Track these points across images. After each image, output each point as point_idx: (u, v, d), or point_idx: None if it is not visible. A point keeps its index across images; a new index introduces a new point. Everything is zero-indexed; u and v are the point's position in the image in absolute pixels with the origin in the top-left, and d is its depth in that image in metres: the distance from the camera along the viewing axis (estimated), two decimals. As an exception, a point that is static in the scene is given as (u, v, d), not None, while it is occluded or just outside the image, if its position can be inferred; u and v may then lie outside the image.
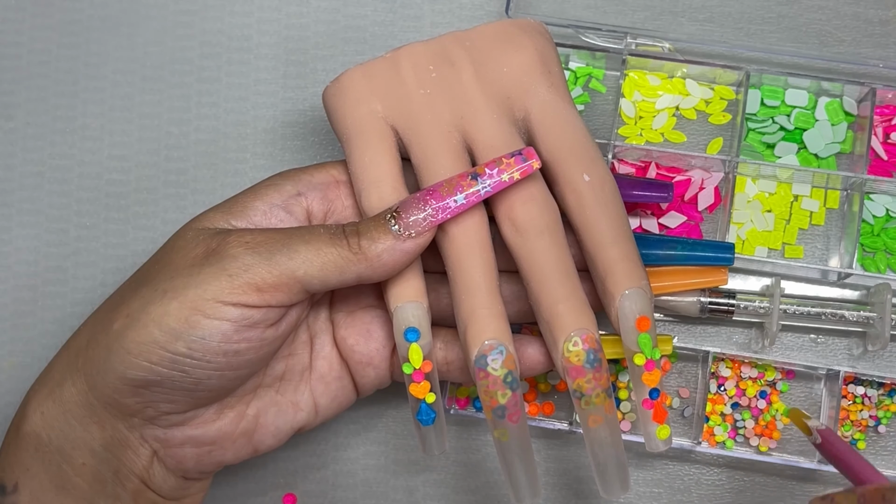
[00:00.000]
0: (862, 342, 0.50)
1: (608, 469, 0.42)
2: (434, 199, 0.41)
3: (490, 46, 0.45)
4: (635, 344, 0.41)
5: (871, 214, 0.51)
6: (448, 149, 0.43)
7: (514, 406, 0.40)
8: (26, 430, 0.42)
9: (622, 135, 0.52)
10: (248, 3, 0.55)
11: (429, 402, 0.42)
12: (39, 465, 0.41)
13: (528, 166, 0.41)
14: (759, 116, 0.52)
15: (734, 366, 0.50)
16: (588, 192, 0.42)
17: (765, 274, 0.51)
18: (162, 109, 0.54)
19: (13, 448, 0.42)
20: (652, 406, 0.42)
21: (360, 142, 0.44)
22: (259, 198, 0.44)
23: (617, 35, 0.52)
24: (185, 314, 0.39)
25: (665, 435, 0.42)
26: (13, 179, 0.54)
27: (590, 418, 0.41)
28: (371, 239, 0.40)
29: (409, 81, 0.44)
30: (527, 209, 0.42)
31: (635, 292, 0.41)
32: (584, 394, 0.40)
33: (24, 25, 0.55)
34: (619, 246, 0.42)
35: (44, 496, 0.41)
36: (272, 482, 0.51)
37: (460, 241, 0.42)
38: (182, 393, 0.41)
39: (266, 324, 0.41)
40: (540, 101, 0.44)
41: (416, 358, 0.41)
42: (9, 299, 0.53)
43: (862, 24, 0.53)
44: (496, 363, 0.40)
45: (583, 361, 0.40)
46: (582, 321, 0.41)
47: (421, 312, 0.42)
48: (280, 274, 0.40)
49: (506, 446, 0.41)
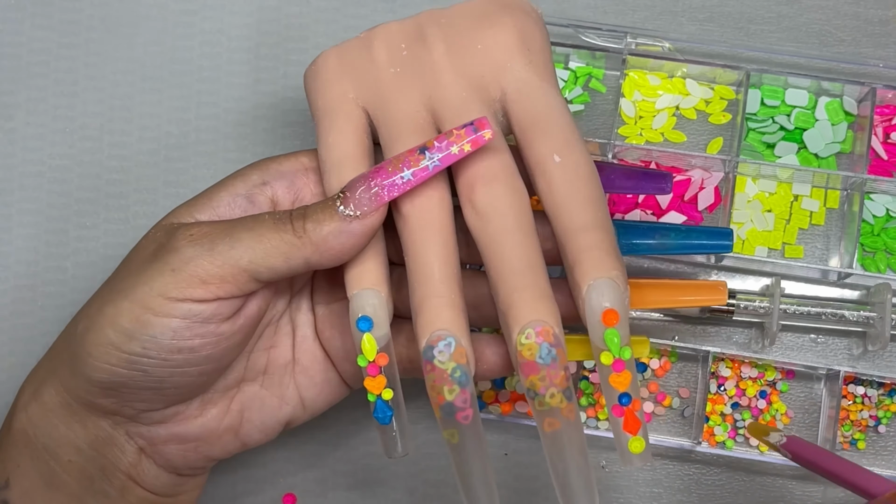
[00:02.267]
0: (862, 342, 0.50)
1: (569, 481, 0.37)
2: (380, 176, 0.38)
3: (466, 24, 0.42)
4: (601, 340, 0.36)
5: (871, 214, 0.51)
6: (414, 128, 0.41)
7: (464, 404, 0.37)
8: (16, 428, 0.42)
9: (622, 134, 0.52)
10: (248, 4, 0.55)
11: (385, 398, 0.38)
12: (29, 461, 0.41)
13: (480, 137, 0.38)
14: (759, 116, 0.52)
15: (734, 366, 0.50)
16: (559, 174, 0.39)
17: (765, 274, 0.51)
18: (162, 109, 0.54)
19: (5, 445, 0.42)
20: (622, 413, 0.37)
21: (328, 122, 0.42)
22: (224, 188, 0.42)
23: (617, 35, 0.52)
24: (136, 313, 0.38)
25: (639, 448, 0.37)
26: (13, 179, 0.54)
27: (545, 421, 0.37)
28: (316, 221, 0.38)
29: (380, 61, 0.42)
30: (488, 191, 0.38)
31: (603, 283, 0.37)
32: (537, 393, 0.36)
33: (24, 25, 0.55)
34: (590, 233, 0.38)
35: (34, 492, 0.41)
36: (271, 482, 0.51)
37: (415, 224, 0.39)
38: (150, 392, 0.40)
39: (220, 318, 0.39)
40: (515, 78, 0.41)
41: (368, 349, 0.38)
42: (9, 299, 0.53)
43: (862, 24, 0.53)
44: (443, 356, 0.37)
45: (535, 356, 0.36)
46: (539, 313, 0.37)
47: (377, 301, 0.38)
48: (223, 264, 0.38)
49: (457, 449, 0.37)
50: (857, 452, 0.50)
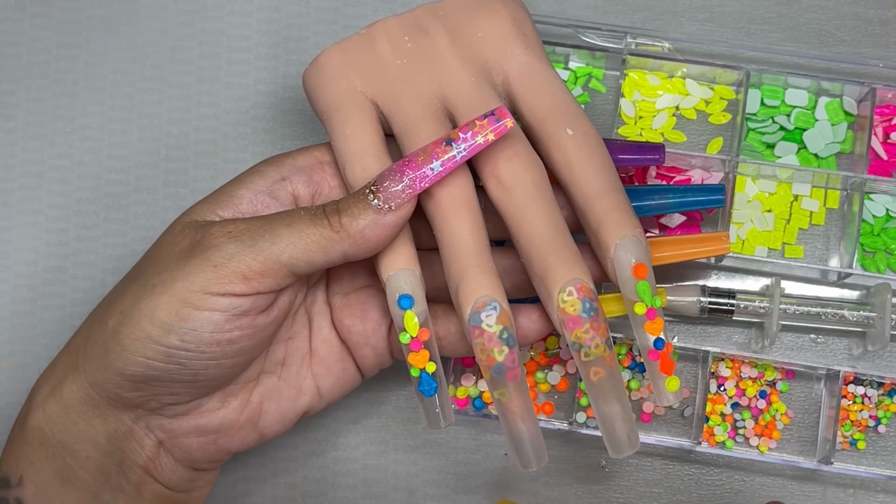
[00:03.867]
0: (862, 342, 0.50)
1: (615, 425, 0.40)
2: (410, 168, 0.40)
3: (463, 14, 0.44)
4: (634, 293, 0.40)
5: (871, 214, 0.51)
6: (428, 115, 0.43)
7: (513, 363, 0.40)
8: (30, 426, 0.42)
9: (622, 135, 0.52)
10: (248, 3, 0.55)
11: (429, 371, 0.41)
12: (44, 459, 0.42)
13: (503, 126, 0.40)
14: (759, 116, 0.52)
15: (734, 366, 0.50)
16: (573, 146, 0.42)
17: (765, 274, 0.51)
18: (162, 109, 0.54)
19: (18, 443, 0.42)
20: (658, 357, 0.41)
21: (341, 116, 0.44)
22: (244, 186, 0.44)
23: (617, 35, 0.52)
24: (175, 307, 0.39)
25: (675, 387, 0.41)
26: (13, 179, 0.54)
27: (591, 370, 0.40)
28: (351, 216, 0.40)
29: (385, 54, 0.44)
30: (510, 165, 0.41)
31: (629, 240, 0.40)
32: (582, 345, 0.39)
33: (24, 25, 0.55)
34: (608, 197, 0.41)
35: (49, 490, 0.41)
36: (271, 482, 0.51)
37: (446, 204, 0.41)
38: (182, 385, 0.41)
39: (257, 311, 0.41)
40: (517, 62, 0.44)
41: (411, 326, 0.40)
42: (9, 299, 0.53)
43: (862, 24, 0.53)
44: (490, 319, 0.39)
45: (579, 311, 0.39)
46: (574, 271, 0.40)
47: (413, 279, 0.41)
48: (265, 260, 0.40)
49: (507, 408, 0.40)
50: (857, 452, 0.50)
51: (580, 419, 0.49)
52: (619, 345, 0.50)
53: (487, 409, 0.50)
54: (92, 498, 0.42)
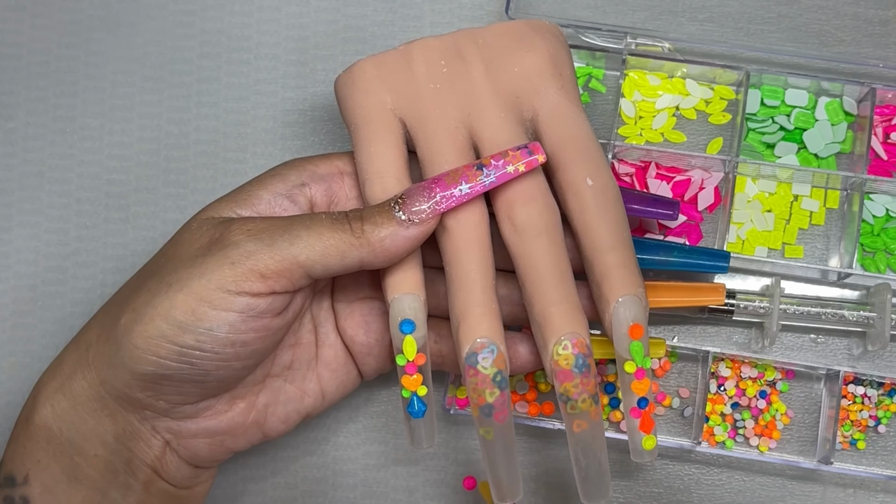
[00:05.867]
0: (862, 342, 0.50)
1: (590, 475, 0.41)
2: (439, 187, 0.41)
3: (502, 45, 0.45)
4: (627, 351, 0.41)
5: (871, 214, 0.51)
6: (453, 144, 0.43)
7: (502, 405, 0.40)
8: (37, 423, 0.42)
9: (622, 135, 0.52)
10: (248, 3, 0.55)
11: (420, 394, 0.42)
12: (51, 456, 0.42)
13: (534, 160, 0.41)
14: (759, 116, 0.52)
15: (734, 366, 0.50)
16: (590, 196, 0.42)
17: (765, 274, 0.51)
18: (162, 109, 0.54)
19: (23, 440, 0.42)
20: (640, 415, 0.42)
21: (368, 132, 0.44)
22: (264, 187, 0.44)
23: (617, 35, 0.52)
24: (192, 306, 0.39)
25: (651, 446, 0.42)
26: (13, 179, 0.54)
27: (574, 423, 0.41)
28: (374, 224, 0.40)
29: (419, 75, 0.44)
30: (527, 210, 0.42)
31: (630, 299, 0.41)
32: (570, 398, 0.40)
33: (24, 25, 0.55)
34: (617, 252, 0.42)
35: (55, 487, 0.41)
36: (271, 482, 0.51)
37: (458, 237, 0.42)
38: (191, 385, 0.41)
39: (272, 313, 0.41)
40: (549, 102, 0.44)
41: (409, 350, 0.41)
42: (9, 299, 0.53)
43: (862, 24, 0.53)
44: (486, 361, 0.40)
45: (571, 365, 0.40)
46: (573, 325, 0.41)
47: (417, 305, 0.41)
48: (282, 259, 0.40)
49: (490, 445, 0.41)
50: (857, 452, 0.50)
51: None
52: None
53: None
54: (100, 496, 0.42)
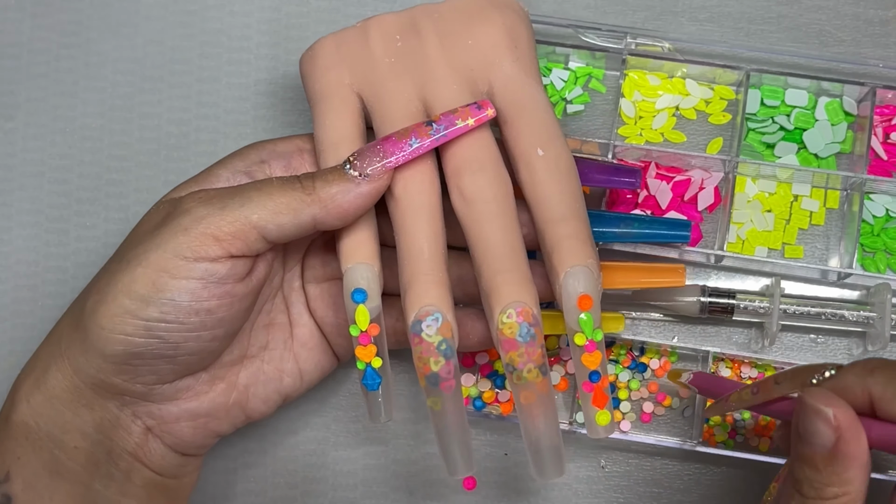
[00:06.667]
0: (862, 342, 0.50)
1: (541, 450, 0.41)
2: (388, 143, 0.41)
3: (458, 19, 0.45)
4: (576, 323, 0.40)
5: (871, 214, 0.51)
6: (408, 116, 0.43)
7: (448, 374, 0.40)
8: (15, 420, 0.42)
9: (622, 135, 0.52)
10: (248, 3, 0.55)
11: (375, 366, 0.41)
12: (31, 452, 0.42)
13: (483, 115, 0.42)
14: (759, 116, 0.52)
15: (734, 366, 0.50)
16: (541, 166, 0.42)
17: (765, 274, 0.51)
18: (162, 109, 0.54)
19: (3, 439, 0.42)
20: (592, 389, 0.41)
21: (324, 106, 0.44)
22: (223, 166, 0.45)
23: (617, 35, 0.52)
24: (152, 278, 0.40)
25: (605, 421, 0.41)
26: (13, 179, 0.54)
27: (522, 394, 0.40)
28: (326, 181, 0.41)
29: (376, 50, 0.45)
30: (475, 179, 0.42)
31: (580, 269, 0.40)
32: (515, 367, 0.40)
33: (24, 25, 0.55)
34: (568, 223, 0.41)
35: (37, 483, 0.41)
36: (271, 482, 0.51)
37: (406, 204, 0.42)
38: (164, 361, 0.41)
39: (234, 279, 0.41)
40: (503, 74, 0.44)
41: (362, 320, 0.41)
42: (9, 299, 0.53)
43: (862, 24, 0.53)
44: (431, 329, 0.40)
45: (516, 334, 0.39)
46: (520, 294, 0.40)
47: (370, 275, 0.41)
48: (234, 220, 0.40)
49: (439, 416, 0.41)
50: (857, 452, 0.50)
51: (580, 419, 0.49)
52: (619, 346, 0.50)
53: (487, 408, 0.50)
54: (82, 488, 0.42)
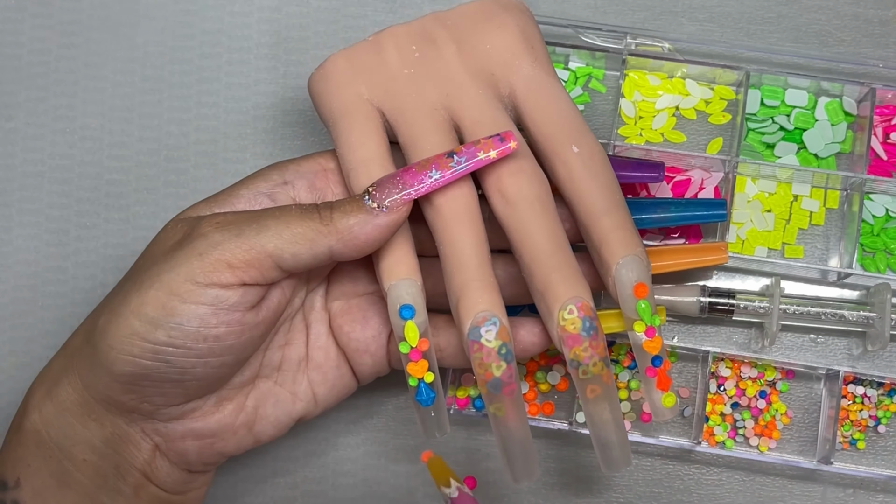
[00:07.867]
0: (862, 342, 0.50)
1: (610, 442, 0.41)
2: (408, 175, 0.41)
3: (471, 25, 0.44)
4: (634, 312, 0.41)
5: (870, 214, 0.51)
6: (435, 127, 0.43)
7: (510, 379, 0.40)
8: (27, 428, 0.42)
9: (622, 135, 0.52)
10: (248, 3, 0.55)
11: (427, 381, 0.41)
12: (41, 461, 0.42)
13: (506, 148, 0.41)
14: (759, 116, 0.52)
15: (734, 366, 0.50)
16: (577, 163, 0.42)
17: (765, 274, 0.51)
18: (162, 109, 0.54)
19: (14, 445, 0.42)
20: (655, 374, 0.41)
21: (346, 123, 0.44)
22: (245, 186, 0.44)
23: (617, 35, 0.52)
24: (162, 301, 0.39)
25: (670, 403, 0.42)
26: (13, 179, 0.54)
27: (588, 388, 0.40)
28: (343, 212, 0.40)
29: (392, 63, 0.44)
30: (515, 180, 0.42)
31: (631, 259, 0.41)
32: (581, 363, 0.40)
33: (24, 25, 0.55)
34: (612, 215, 0.42)
35: (45, 492, 0.41)
36: (271, 482, 0.51)
37: (447, 213, 0.41)
38: (171, 385, 0.41)
39: (244, 307, 0.40)
40: (524, 76, 0.44)
41: (412, 336, 0.41)
42: (9, 299, 0.53)
43: (862, 24, 0.53)
44: (490, 334, 0.40)
45: (579, 329, 0.40)
46: (576, 290, 0.40)
47: (415, 290, 0.41)
48: (249, 248, 0.39)
49: (502, 422, 0.41)
50: (857, 452, 0.50)
51: (580, 419, 0.49)
52: (619, 345, 0.50)
53: (487, 409, 0.50)
54: (89, 500, 0.42)
